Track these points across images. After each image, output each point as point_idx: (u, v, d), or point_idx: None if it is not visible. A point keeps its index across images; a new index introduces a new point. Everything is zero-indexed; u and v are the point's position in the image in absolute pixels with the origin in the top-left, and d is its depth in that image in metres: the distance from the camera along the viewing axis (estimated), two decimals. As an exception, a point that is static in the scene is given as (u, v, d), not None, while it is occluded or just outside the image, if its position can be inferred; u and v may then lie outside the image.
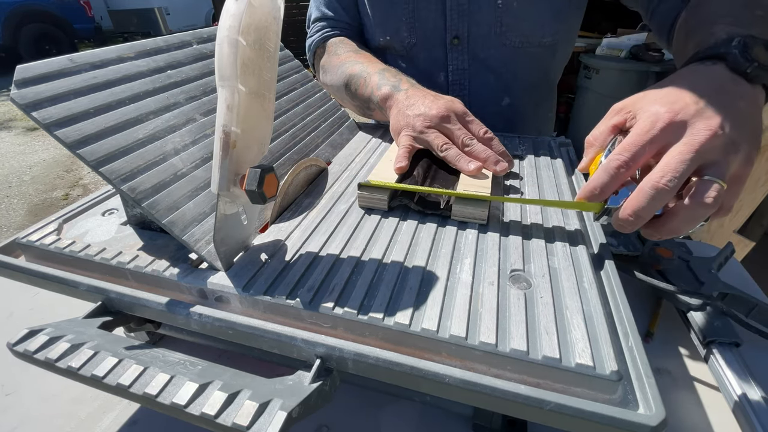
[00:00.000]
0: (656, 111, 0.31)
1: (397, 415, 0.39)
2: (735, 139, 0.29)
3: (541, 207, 0.40)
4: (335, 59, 0.66)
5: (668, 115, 0.31)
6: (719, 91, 0.31)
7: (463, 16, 0.61)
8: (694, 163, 0.29)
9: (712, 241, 1.61)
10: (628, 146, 0.31)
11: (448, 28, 0.63)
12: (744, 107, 0.31)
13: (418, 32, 0.65)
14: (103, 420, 0.40)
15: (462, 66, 0.66)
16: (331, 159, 0.52)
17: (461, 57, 0.65)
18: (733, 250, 0.52)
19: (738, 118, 0.30)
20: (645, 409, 0.23)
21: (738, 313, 0.43)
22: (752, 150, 0.30)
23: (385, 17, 0.66)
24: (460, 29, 0.63)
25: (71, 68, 0.34)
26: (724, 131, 0.29)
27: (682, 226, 0.30)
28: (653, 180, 0.29)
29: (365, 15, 0.69)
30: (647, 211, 0.30)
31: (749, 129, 0.30)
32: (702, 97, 0.31)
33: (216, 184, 0.29)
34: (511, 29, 0.62)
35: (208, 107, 0.42)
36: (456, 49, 0.65)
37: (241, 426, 0.22)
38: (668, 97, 0.32)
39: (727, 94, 0.31)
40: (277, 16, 0.28)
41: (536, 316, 0.27)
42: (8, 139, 3.66)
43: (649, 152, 0.31)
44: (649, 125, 0.31)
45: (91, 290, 0.33)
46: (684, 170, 0.29)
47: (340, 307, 0.28)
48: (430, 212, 0.39)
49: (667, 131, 0.30)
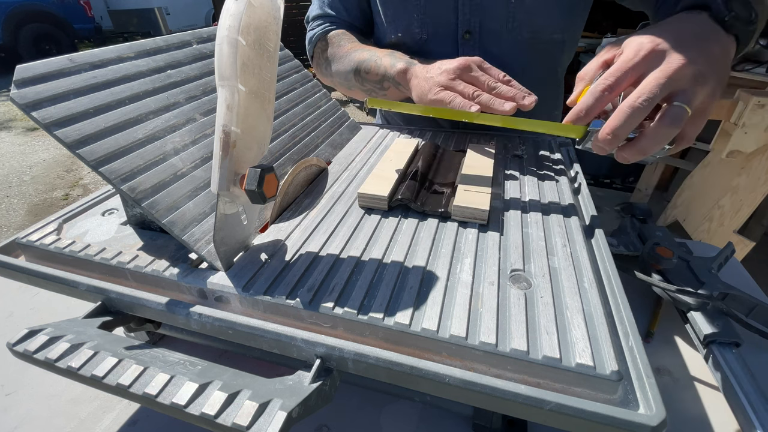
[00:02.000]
0: (640, 42, 0.36)
1: (397, 415, 0.39)
2: (704, 73, 0.34)
3: (542, 205, 0.40)
4: (340, 49, 0.68)
5: (650, 45, 0.35)
6: (698, 34, 0.36)
7: (475, 10, 0.62)
8: (667, 88, 0.33)
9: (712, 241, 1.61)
10: (613, 72, 0.36)
11: (460, 23, 0.64)
12: (717, 51, 0.36)
13: (430, 28, 0.66)
14: (103, 420, 0.40)
15: None
16: (331, 159, 0.52)
17: (472, 52, 0.66)
18: (733, 250, 0.52)
19: (710, 57, 0.35)
20: (645, 409, 0.23)
21: (738, 313, 0.43)
22: (717, 86, 0.35)
23: (396, 14, 0.67)
24: (472, 24, 0.63)
25: (71, 68, 0.34)
26: (696, 65, 0.34)
27: (650, 145, 0.35)
28: (630, 100, 0.34)
29: (377, 14, 0.71)
30: (624, 130, 0.34)
31: (717, 69, 0.35)
32: (682, 36, 0.36)
33: (216, 184, 0.29)
34: (523, 24, 0.62)
35: (208, 107, 0.42)
36: (467, 43, 0.65)
37: (241, 426, 0.22)
38: (654, 33, 0.37)
39: (705, 38, 0.36)
40: (277, 16, 0.28)
41: (536, 316, 0.27)
42: (8, 139, 3.66)
43: (631, 77, 0.35)
44: (633, 54, 0.36)
45: (91, 290, 0.33)
46: (657, 92, 0.33)
47: (340, 307, 0.28)
48: (430, 212, 0.39)
49: (647, 59, 0.35)
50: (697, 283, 0.46)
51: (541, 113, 0.75)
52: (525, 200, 0.42)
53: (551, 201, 0.41)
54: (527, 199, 0.42)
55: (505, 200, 0.41)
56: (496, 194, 0.42)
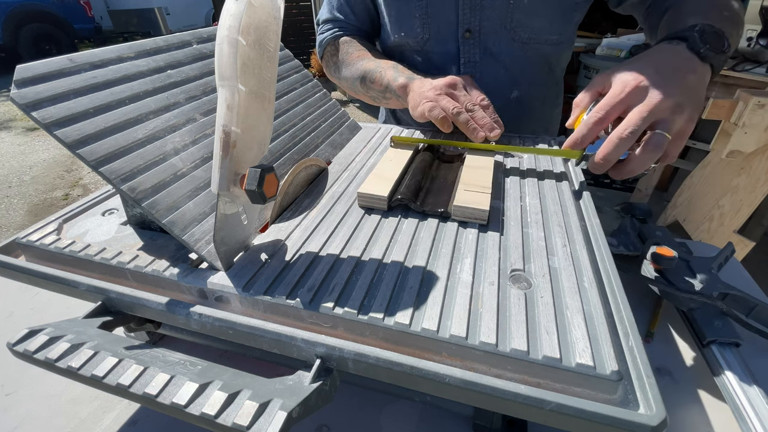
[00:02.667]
0: (626, 79, 0.41)
1: (397, 415, 0.39)
2: (681, 103, 0.39)
3: (541, 207, 0.40)
4: (349, 57, 0.73)
5: (634, 82, 0.41)
6: (676, 67, 0.41)
7: (475, 10, 0.64)
8: (649, 120, 0.39)
9: (712, 241, 1.61)
10: (603, 106, 0.41)
11: (461, 22, 0.65)
12: (693, 80, 0.41)
13: (432, 27, 0.68)
14: (104, 420, 0.40)
15: (473, 59, 0.68)
16: (331, 159, 0.52)
17: (473, 50, 0.68)
18: (733, 250, 0.52)
19: (687, 87, 0.40)
20: (645, 409, 0.23)
21: (738, 313, 0.43)
22: (694, 113, 0.40)
23: (399, 14, 0.69)
24: (472, 23, 0.65)
25: (71, 68, 0.34)
26: (674, 97, 0.39)
27: (637, 167, 0.40)
28: (618, 132, 0.39)
29: (381, 15, 0.73)
30: (614, 156, 0.40)
31: (693, 97, 0.40)
32: (662, 69, 0.41)
33: (216, 184, 0.29)
34: (521, 25, 0.64)
35: (208, 107, 0.42)
36: (468, 42, 0.67)
37: (241, 426, 0.22)
38: (637, 69, 0.41)
39: (682, 69, 0.41)
40: (277, 16, 0.28)
41: (536, 316, 0.27)
42: (8, 139, 3.66)
43: (618, 110, 0.41)
44: (620, 90, 0.41)
45: (91, 290, 0.33)
46: (641, 124, 0.38)
47: (340, 307, 0.28)
48: (430, 212, 0.39)
49: (632, 95, 0.40)
50: (697, 283, 0.46)
51: (542, 112, 0.77)
52: (525, 200, 0.42)
53: (551, 201, 0.41)
54: (527, 199, 0.42)
55: (505, 200, 0.41)
56: (497, 194, 0.42)
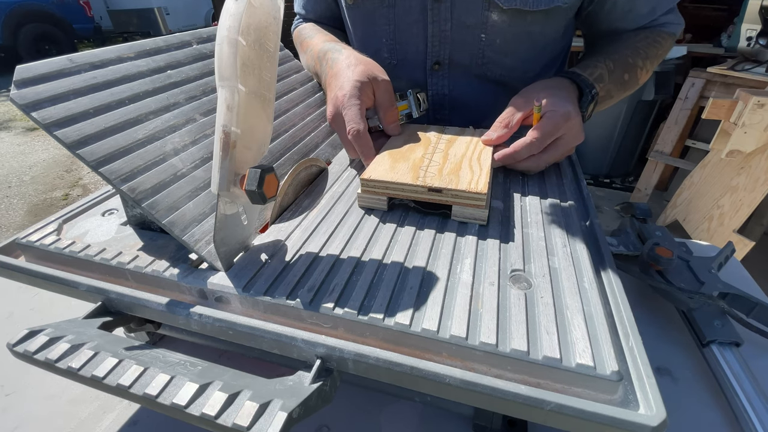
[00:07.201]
0: (528, 94, 0.50)
1: (397, 415, 0.39)
2: (569, 112, 0.47)
3: (542, 205, 0.40)
4: (303, 44, 0.69)
5: (531, 97, 0.49)
6: (566, 97, 0.49)
7: (444, 43, 0.61)
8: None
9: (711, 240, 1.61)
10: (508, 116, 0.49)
11: (429, 54, 0.62)
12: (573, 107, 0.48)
13: (399, 54, 0.64)
14: (104, 420, 0.40)
15: (442, 91, 0.65)
16: (331, 159, 0.52)
17: (441, 82, 0.64)
18: (733, 249, 0.52)
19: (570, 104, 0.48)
20: (646, 410, 0.23)
21: (738, 313, 0.43)
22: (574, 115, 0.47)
23: (365, 36, 0.66)
24: (441, 56, 0.62)
25: (71, 68, 0.34)
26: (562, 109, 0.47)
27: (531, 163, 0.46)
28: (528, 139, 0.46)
29: (348, 31, 0.70)
30: (521, 155, 0.45)
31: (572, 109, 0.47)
32: (555, 94, 0.48)
33: (216, 184, 0.29)
34: (493, 62, 0.61)
35: (208, 107, 0.42)
36: (436, 74, 0.64)
37: (242, 426, 0.22)
38: (536, 91, 0.50)
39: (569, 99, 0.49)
40: (277, 16, 0.28)
41: (537, 316, 0.27)
42: (8, 139, 3.66)
43: (522, 116, 0.49)
44: (522, 103, 0.49)
45: (91, 290, 0.33)
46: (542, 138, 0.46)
47: (340, 308, 0.28)
48: (430, 212, 0.39)
49: (528, 104, 0.48)
50: (697, 283, 0.46)
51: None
52: (525, 200, 0.42)
53: (551, 201, 0.41)
54: (527, 199, 0.42)
55: (505, 200, 0.41)
56: (497, 194, 0.42)
